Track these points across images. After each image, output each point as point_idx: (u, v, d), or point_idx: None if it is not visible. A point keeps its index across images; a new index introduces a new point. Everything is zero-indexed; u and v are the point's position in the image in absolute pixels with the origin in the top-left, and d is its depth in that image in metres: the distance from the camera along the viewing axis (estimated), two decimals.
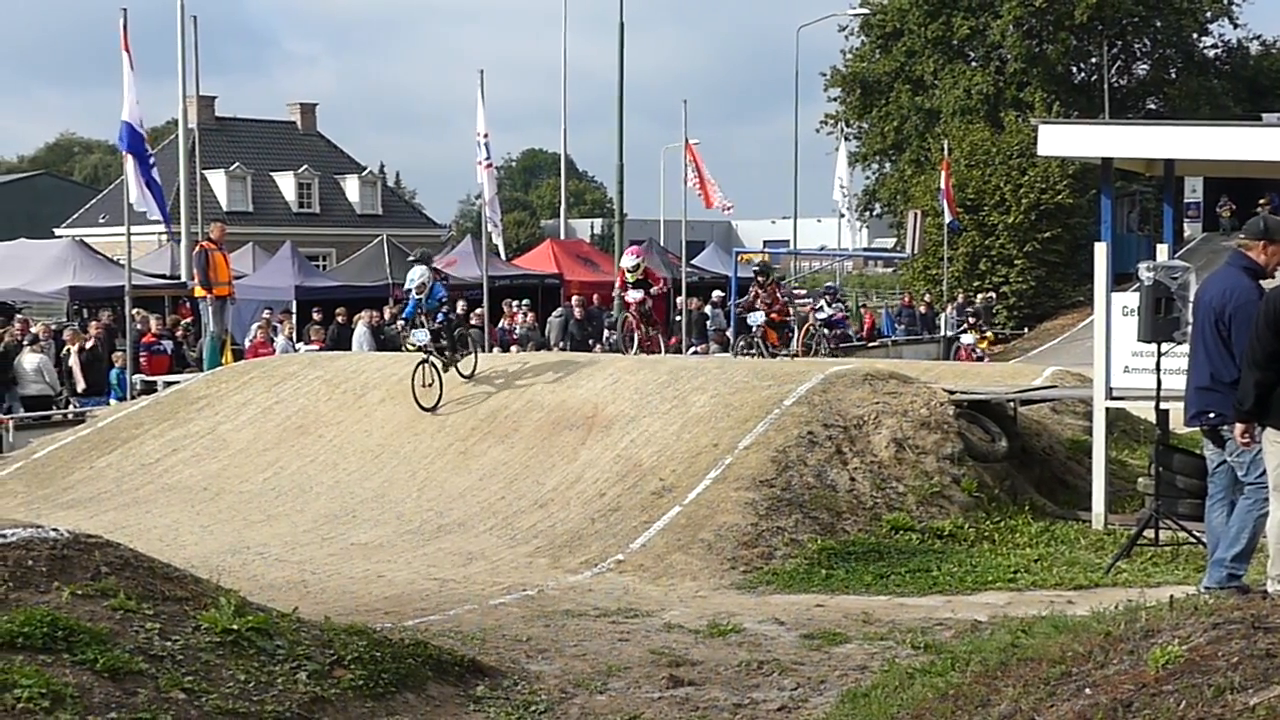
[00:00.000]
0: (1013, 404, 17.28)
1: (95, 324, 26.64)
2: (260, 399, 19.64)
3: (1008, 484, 15.87)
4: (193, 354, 25.37)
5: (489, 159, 30.22)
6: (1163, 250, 16.23)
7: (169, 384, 22.19)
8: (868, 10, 59.85)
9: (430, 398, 18.36)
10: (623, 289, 21.90)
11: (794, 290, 44.24)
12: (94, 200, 67.28)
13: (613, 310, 32.54)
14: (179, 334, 26.57)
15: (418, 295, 19.09)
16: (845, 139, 55.59)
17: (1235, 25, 62.97)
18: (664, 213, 68.11)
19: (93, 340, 24.94)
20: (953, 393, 16.71)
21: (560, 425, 17.11)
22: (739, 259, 43.72)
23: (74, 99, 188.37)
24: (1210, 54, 62.27)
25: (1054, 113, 53.74)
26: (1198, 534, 12.31)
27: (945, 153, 47.51)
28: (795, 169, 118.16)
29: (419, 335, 18.80)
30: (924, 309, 44.68)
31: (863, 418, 15.78)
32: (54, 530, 8.75)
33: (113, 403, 22.99)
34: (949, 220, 45.33)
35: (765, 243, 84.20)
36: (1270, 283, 9.81)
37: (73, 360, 24.66)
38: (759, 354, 23.24)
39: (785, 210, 70.83)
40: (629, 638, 10.57)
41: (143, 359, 24.20)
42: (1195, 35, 61.10)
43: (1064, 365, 24.53)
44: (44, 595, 7.86)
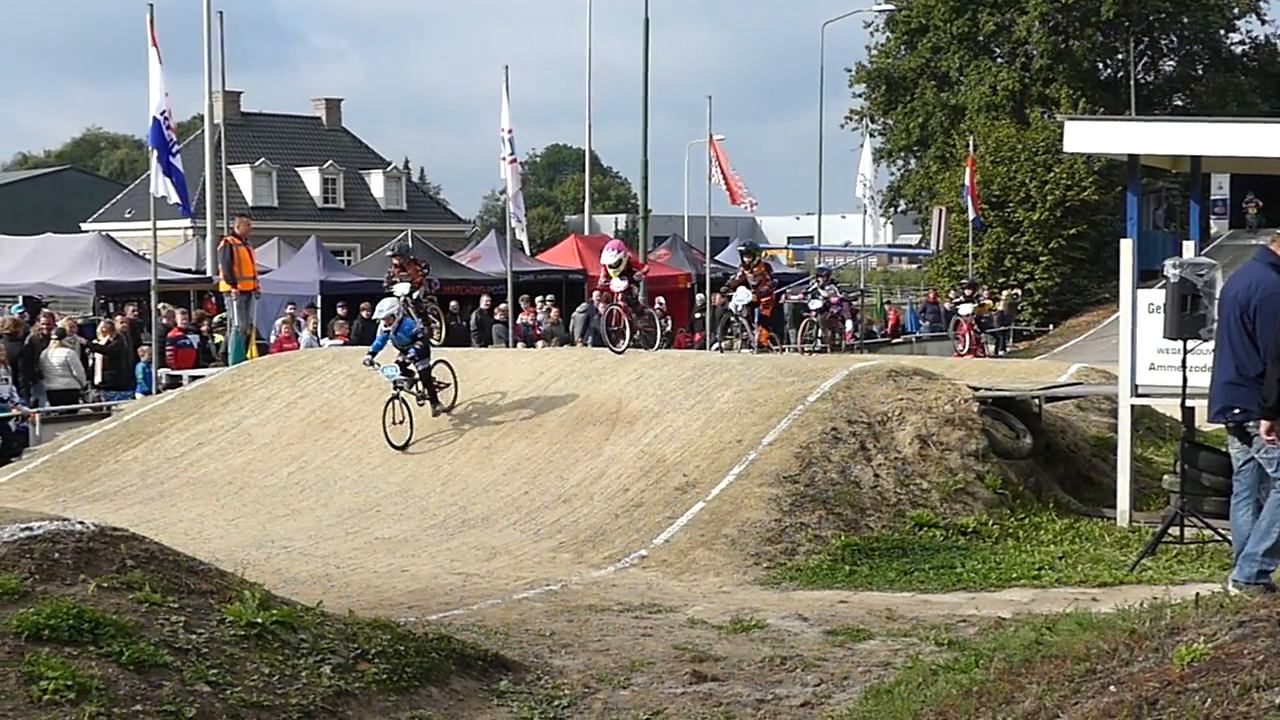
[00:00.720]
0: (1037, 401, 17.22)
1: (120, 318, 26.73)
2: (285, 393, 19.70)
3: (1032, 481, 15.83)
4: (218, 348, 25.47)
5: (513, 154, 30.23)
6: (1189, 247, 16.18)
7: (194, 378, 22.28)
8: (893, 6, 59.67)
9: (401, 435, 17.67)
10: (606, 280, 20.73)
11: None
12: (120, 195, 67.51)
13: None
14: (204, 329, 26.65)
15: (386, 329, 18.16)
16: (870, 135, 55.49)
17: (1263, 21, 62.78)
18: (688, 208, 68.17)
19: (113, 337, 24.99)
20: (977, 389, 16.67)
21: (584, 420, 17.13)
22: (763, 254, 43.68)
23: (101, 95, 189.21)
24: (1237, 50, 61.97)
25: (1080, 109, 53.55)
26: (1223, 532, 12.25)
27: (970, 149, 47.39)
28: (820, 165, 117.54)
29: (389, 371, 17.95)
30: (948, 305, 44.54)
31: (887, 414, 15.75)
32: (80, 523, 8.79)
33: (138, 397, 23.08)
34: (973, 218, 45.21)
35: (789, 239, 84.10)
36: None
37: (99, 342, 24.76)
38: (741, 340, 22.31)
39: (810, 206, 70.67)
40: (652, 633, 10.57)
41: (169, 353, 24.29)
42: (1222, 31, 60.82)
43: (1089, 362, 24.44)
44: (70, 588, 7.89)
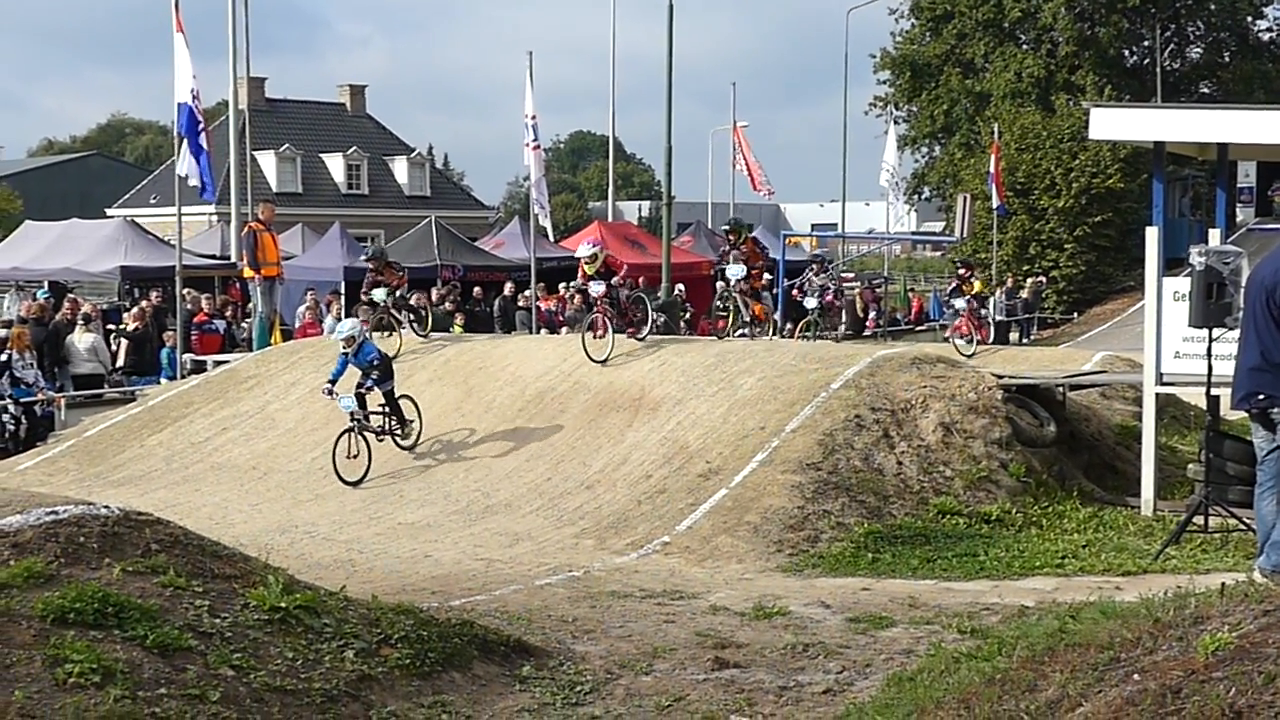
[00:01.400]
0: (1062, 389, 17.18)
1: (146, 302, 26.83)
2: (309, 379, 19.73)
3: (1056, 469, 15.79)
4: (242, 334, 25.54)
5: (537, 141, 30.27)
6: (1215, 235, 16.10)
7: (219, 363, 22.35)
8: None
9: (355, 471, 16.70)
10: (584, 281, 19.20)
11: (843, 275, 44.16)
12: (145, 181, 67.74)
13: (658, 293, 32.44)
14: (229, 314, 26.73)
15: (345, 349, 17.17)
16: (894, 122, 55.33)
17: None
18: (712, 195, 68.09)
19: (141, 324, 25.08)
20: (1001, 377, 16.63)
21: (607, 407, 17.13)
22: (787, 242, 43.62)
23: (126, 81, 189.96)
24: (1265, 37, 61.68)
25: (1105, 96, 53.36)
26: (1247, 521, 12.21)
27: (995, 136, 47.22)
28: (844, 152, 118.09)
29: (346, 403, 16.98)
30: (945, 296, 44.42)
31: (910, 401, 15.73)
32: (105, 507, 8.82)
33: (163, 382, 23.16)
34: (997, 206, 45.07)
35: (813, 226, 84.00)
36: None
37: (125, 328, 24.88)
38: (735, 319, 20.65)
39: (833, 193, 70.73)
40: (674, 619, 10.57)
41: (194, 338, 24.38)
42: (1249, 18, 60.56)
43: (1114, 350, 24.38)
44: (95, 572, 7.93)
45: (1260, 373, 9.75)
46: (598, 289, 18.60)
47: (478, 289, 33.08)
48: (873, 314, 38.69)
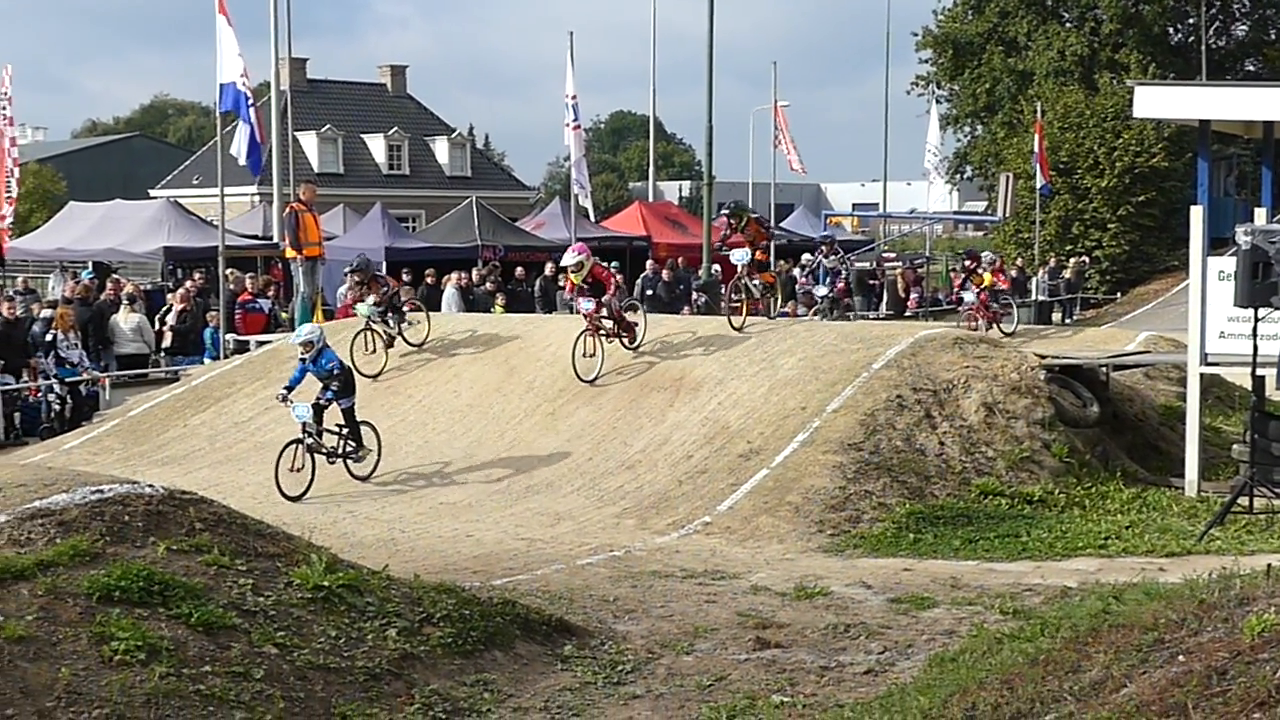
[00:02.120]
0: (1105, 369, 17.08)
1: (191, 282, 26.98)
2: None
3: (1099, 450, 15.71)
4: (285, 314, 25.63)
5: (578, 121, 30.26)
6: (1261, 214, 15.97)
7: (261, 343, 22.45)
8: None
9: (297, 485, 15.52)
10: (570, 292, 18.02)
11: (885, 255, 43.99)
12: (188, 162, 67.97)
13: (699, 273, 32.38)
14: (271, 294, 26.83)
15: (303, 356, 16.04)
16: (936, 101, 55.02)
17: None
18: (753, 175, 67.91)
19: (187, 306, 25.21)
20: (1044, 357, 16.56)
21: (647, 387, 17.13)
22: (828, 222, 43.48)
23: (169, 62, 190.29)
24: None
25: (1150, 74, 52.85)
26: None
27: (1038, 115, 46.90)
28: (885, 131, 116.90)
29: (300, 412, 15.70)
30: (1015, 273, 44.18)
31: (952, 382, 15.67)
32: (149, 486, 8.89)
33: (206, 362, 23.28)
34: (1041, 185, 44.75)
35: (854, 205, 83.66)
36: None
37: (170, 318, 24.99)
38: (746, 301, 19.01)
39: (875, 173, 70.24)
40: (716, 599, 10.58)
41: (238, 316, 24.49)
42: None
43: (1157, 330, 24.19)
44: (140, 550, 7.99)
45: None
46: (587, 306, 17.58)
47: (519, 269, 33.13)
48: (914, 294, 38.51)
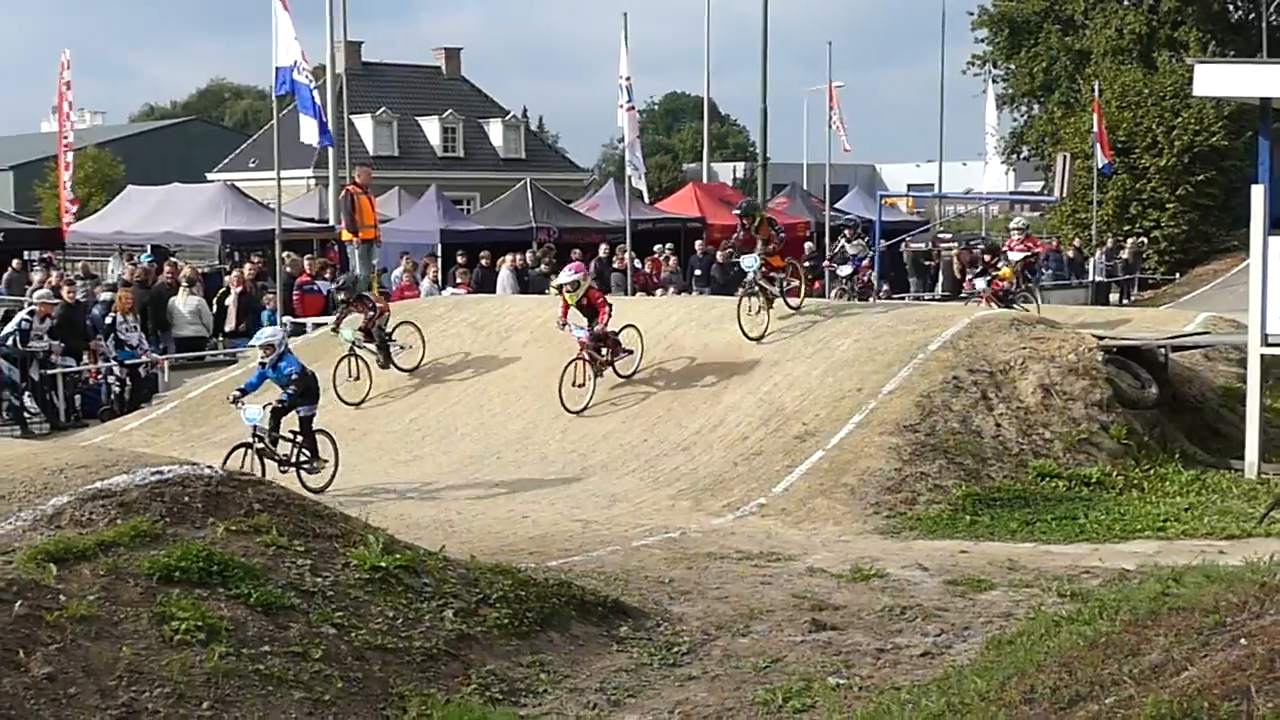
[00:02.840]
0: (1164, 350, 16.94)
1: (250, 265, 27.16)
2: (405, 341, 19.86)
3: (1157, 431, 15.59)
4: (339, 297, 25.73)
5: (631, 102, 30.16)
6: None
7: (317, 325, 22.56)
8: None
9: None
10: (563, 312, 17.03)
11: (940, 235, 43.72)
12: (244, 145, 68.34)
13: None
14: (328, 276, 26.98)
15: (263, 359, 15.04)
16: (993, 81, 54.61)
17: None
18: (807, 156, 67.57)
19: (244, 288, 25.38)
20: (1102, 338, 16.44)
21: (703, 369, 17.11)
22: (883, 203, 43.26)
23: (225, 46, 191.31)
24: None
25: (1209, 52, 52.32)
26: None
27: (1096, 94, 46.51)
28: (941, 112, 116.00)
29: (251, 413, 14.59)
30: (1072, 253, 43.83)
31: (1009, 363, 15.58)
32: (209, 468, 8.97)
33: None
34: (1102, 164, 44.37)
35: (909, 186, 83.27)
36: None
37: (230, 299, 25.17)
38: (761, 299, 17.75)
39: (930, 154, 69.89)
40: (771, 581, 10.57)
41: (296, 298, 24.64)
42: None
43: (1217, 311, 23.95)
44: (199, 531, 8.06)
45: None
46: (580, 335, 16.84)
47: (574, 251, 33.17)
48: (970, 275, 38.23)
